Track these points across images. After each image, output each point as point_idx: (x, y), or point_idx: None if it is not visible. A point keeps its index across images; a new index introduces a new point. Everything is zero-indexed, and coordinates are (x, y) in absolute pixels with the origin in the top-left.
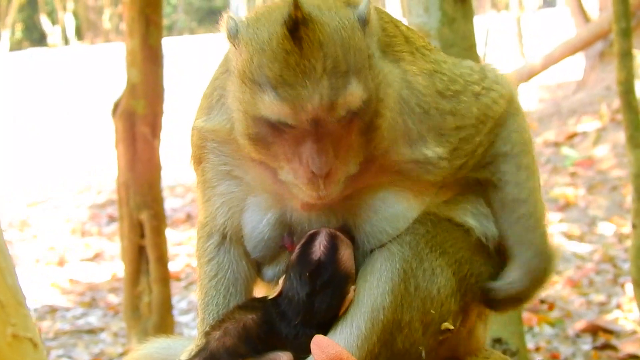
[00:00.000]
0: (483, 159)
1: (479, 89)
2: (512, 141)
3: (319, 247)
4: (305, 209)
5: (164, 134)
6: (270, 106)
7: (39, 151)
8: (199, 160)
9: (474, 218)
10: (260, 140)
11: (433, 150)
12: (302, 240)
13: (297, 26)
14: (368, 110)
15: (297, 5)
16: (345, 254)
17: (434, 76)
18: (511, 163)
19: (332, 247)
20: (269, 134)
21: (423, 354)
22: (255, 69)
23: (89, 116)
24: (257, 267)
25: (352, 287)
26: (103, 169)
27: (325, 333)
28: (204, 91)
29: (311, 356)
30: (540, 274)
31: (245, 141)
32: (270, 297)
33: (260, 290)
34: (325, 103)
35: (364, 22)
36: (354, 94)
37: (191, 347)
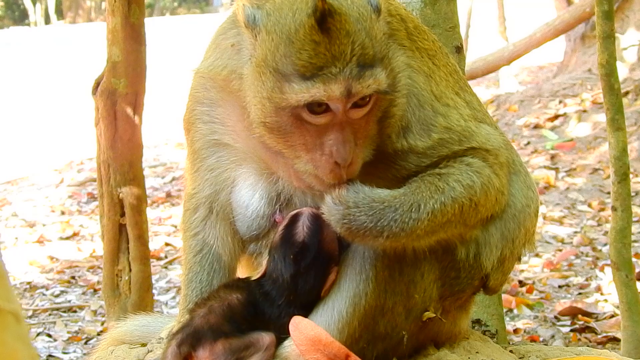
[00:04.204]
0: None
1: (467, 116)
2: (476, 166)
3: (303, 229)
4: (301, 187)
5: (145, 114)
6: (300, 91)
7: (18, 129)
8: (188, 126)
9: None
10: (279, 129)
11: (413, 142)
12: (285, 222)
13: (324, 17)
14: (387, 98)
15: None
16: (328, 234)
17: (430, 80)
18: (460, 165)
19: (316, 227)
20: (289, 124)
21: (405, 338)
22: (280, 58)
23: (69, 95)
24: (241, 244)
25: (335, 268)
26: (83, 147)
27: (307, 314)
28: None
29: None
30: None
31: (261, 129)
32: (254, 278)
33: (242, 267)
34: (356, 75)
35: (377, 10)
36: (381, 74)
37: (172, 325)
